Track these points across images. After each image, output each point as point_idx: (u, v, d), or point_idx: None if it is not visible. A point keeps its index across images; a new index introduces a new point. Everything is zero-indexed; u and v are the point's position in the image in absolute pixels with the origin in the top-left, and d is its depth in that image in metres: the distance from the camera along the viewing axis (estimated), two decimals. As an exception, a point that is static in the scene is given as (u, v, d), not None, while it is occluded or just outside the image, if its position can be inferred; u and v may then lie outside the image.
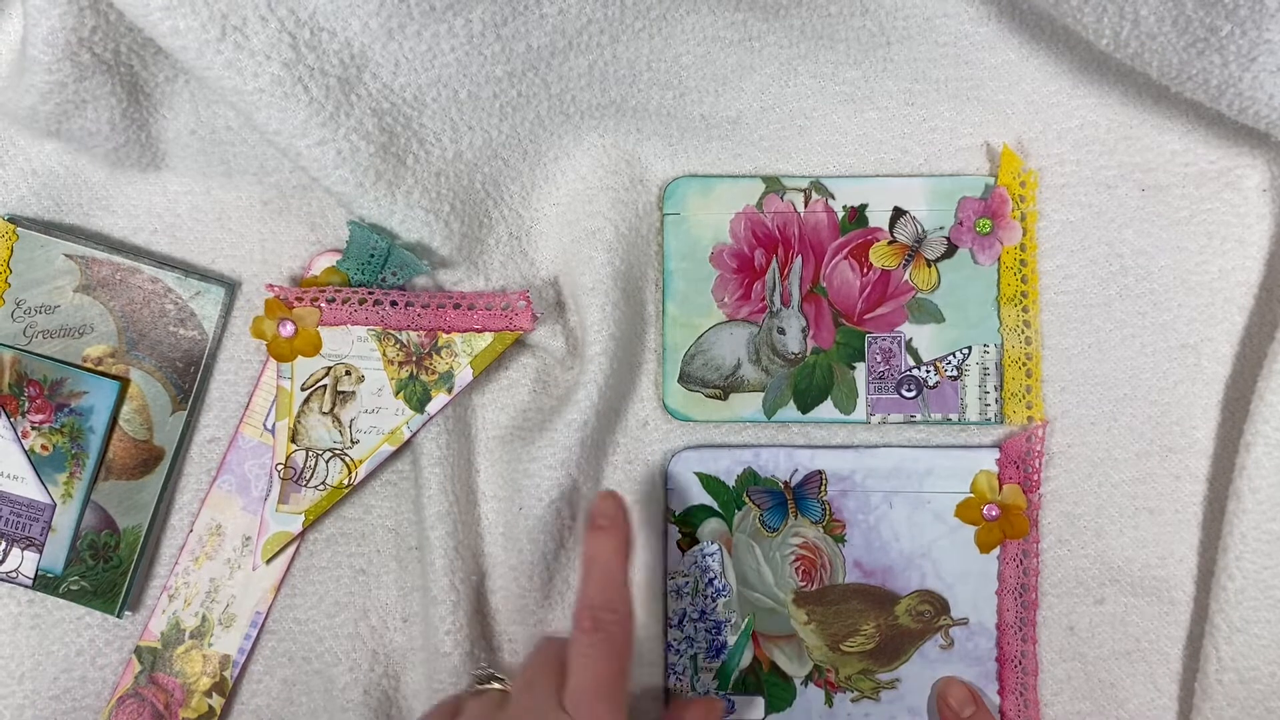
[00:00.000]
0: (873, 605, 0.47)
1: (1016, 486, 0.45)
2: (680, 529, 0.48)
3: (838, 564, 0.47)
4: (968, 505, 0.46)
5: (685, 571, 0.48)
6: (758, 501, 0.48)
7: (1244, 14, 0.40)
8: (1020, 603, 0.46)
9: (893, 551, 0.46)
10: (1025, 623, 0.46)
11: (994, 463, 0.45)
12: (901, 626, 0.47)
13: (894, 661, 0.47)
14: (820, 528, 0.47)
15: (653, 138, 0.51)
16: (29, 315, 0.49)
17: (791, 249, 0.51)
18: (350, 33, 0.44)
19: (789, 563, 0.47)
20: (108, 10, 0.44)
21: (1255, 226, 0.50)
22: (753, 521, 0.48)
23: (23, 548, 0.49)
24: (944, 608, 0.46)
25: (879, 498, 0.46)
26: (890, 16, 0.49)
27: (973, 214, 0.50)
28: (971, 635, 0.47)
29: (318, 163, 0.45)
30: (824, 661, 0.47)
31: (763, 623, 0.48)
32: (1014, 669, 0.46)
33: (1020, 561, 0.46)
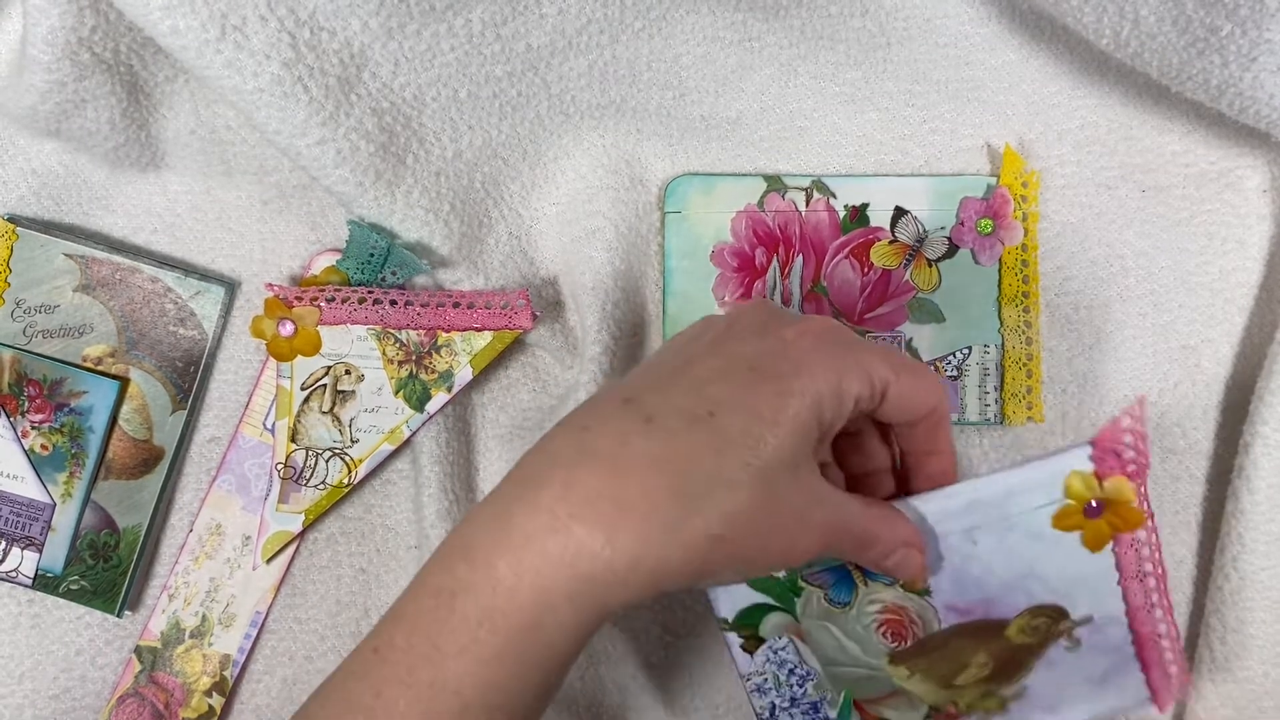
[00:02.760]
0: (980, 637, 0.42)
1: (1120, 479, 0.39)
2: (740, 634, 0.43)
3: (929, 615, 0.42)
4: (1066, 514, 0.40)
5: (761, 670, 0.43)
6: (817, 582, 0.42)
7: (1244, 14, 0.40)
8: (1146, 582, 0.41)
9: (989, 585, 0.41)
10: (1158, 596, 0.41)
11: (1087, 460, 0.39)
12: (1018, 645, 0.42)
13: (1017, 676, 0.42)
14: (898, 586, 0.41)
15: (653, 138, 0.51)
16: (29, 315, 0.49)
17: (792, 248, 0.51)
18: (350, 32, 0.44)
19: (874, 631, 0.42)
20: (107, 10, 0.44)
21: (1255, 227, 0.50)
22: (818, 603, 0.42)
23: (22, 547, 0.49)
24: (1062, 614, 0.41)
25: (957, 538, 0.40)
26: (890, 17, 0.49)
27: (974, 214, 0.50)
28: (1099, 629, 0.41)
29: (317, 162, 0.45)
30: (939, 701, 0.43)
31: (861, 689, 0.43)
32: (1154, 646, 0.42)
33: (1136, 546, 0.40)
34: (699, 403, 0.34)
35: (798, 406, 0.34)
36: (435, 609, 0.33)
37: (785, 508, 0.34)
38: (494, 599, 0.32)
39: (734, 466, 0.33)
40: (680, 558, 0.32)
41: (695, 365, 0.35)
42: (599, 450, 0.33)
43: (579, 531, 0.32)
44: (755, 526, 0.33)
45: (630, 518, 0.32)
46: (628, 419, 0.34)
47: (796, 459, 0.34)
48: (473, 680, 0.32)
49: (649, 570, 0.32)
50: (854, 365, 0.35)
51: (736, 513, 0.33)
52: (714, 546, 0.33)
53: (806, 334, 0.36)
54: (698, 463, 0.33)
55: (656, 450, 0.33)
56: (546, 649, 0.32)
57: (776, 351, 0.35)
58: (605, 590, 0.32)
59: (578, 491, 0.32)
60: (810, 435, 0.34)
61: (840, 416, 0.35)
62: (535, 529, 0.32)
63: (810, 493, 0.35)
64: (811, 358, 0.35)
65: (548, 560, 0.32)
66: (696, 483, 0.33)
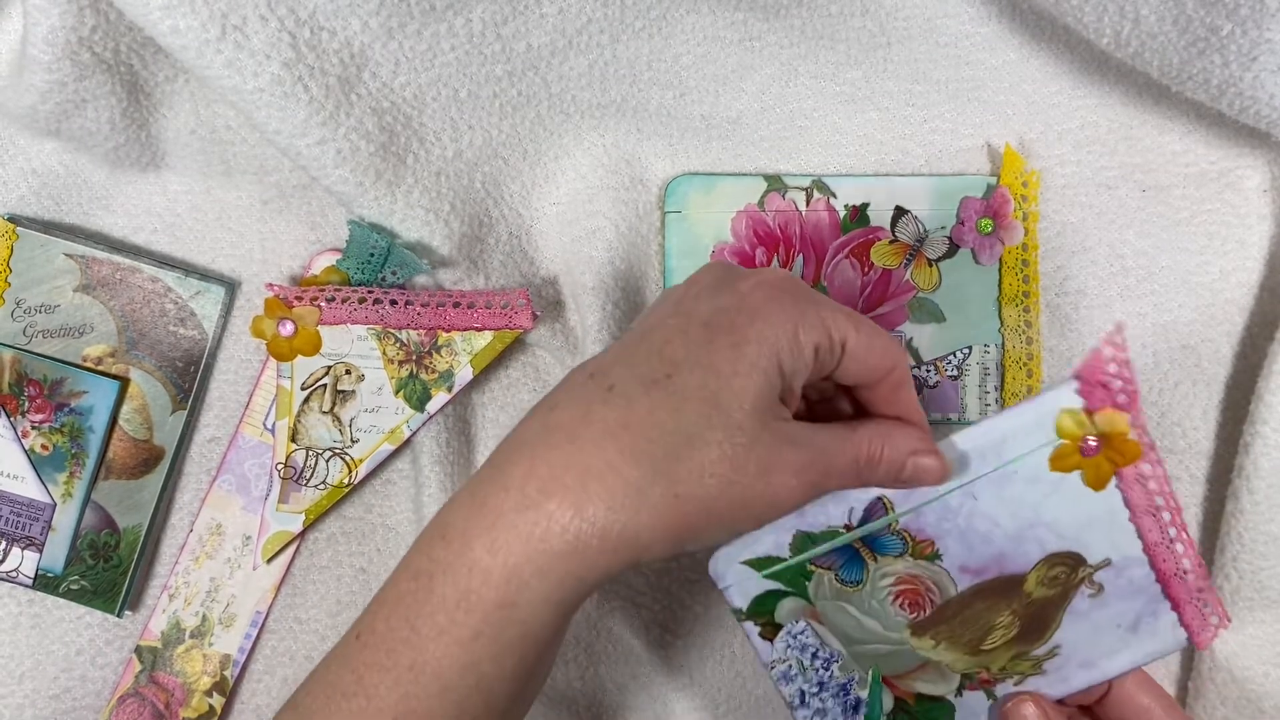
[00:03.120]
0: (999, 596, 0.41)
1: (1111, 411, 0.38)
2: (756, 622, 0.42)
3: (943, 581, 0.41)
4: (1061, 454, 0.39)
5: (783, 657, 0.43)
6: (825, 564, 0.41)
7: (1245, 13, 0.40)
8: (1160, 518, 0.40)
9: (997, 539, 0.40)
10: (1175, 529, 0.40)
11: (1074, 395, 0.38)
12: (1039, 599, 0.41)
13: (1045, 633, 0.41)
14: (908, 557, 0.41)
15: (653, 138, 0.51)
16: (29, 315, 0.49)
17: (793, 248, 0.51)
18: (350, 32, 0.44)
19: (890, 603, 0.42)
20: (108, 9, 0.44)
21: (1256, 227, 0.50)
22: (830, 583, 0.42)
23: (23, 547, 0.49)
24: (1079, 560, 0.40)
25: (958, 496, 0.40)
26: (891, 17, 0.49)
27: (974, 214, 0.50)
28: (1121, 571, 0.40)
29: (318, 162, 0.45)
30: (970, 668, 0.42)
31: (889, 664, 0.43)
32: (1180, 582, 0.40)
33: (1143, 481, 0.39)
34: (658, 366, 0.34)
35: (755, 355, 0.34)
36: (414, 592, 0.33)
37: (755, 456, 0.34)
38: (470, 579, 0.32)
39: (694, 423, 0.33)
40: (651, 522, 0.32)
41: (655, 331, 0.36)
42: (563, 425, 0.34)
43: (548, 506, 0.32)
44: (725, 480, 0.33)
45: (596, 488, 0.32)
46: (591, 391, 0.34)
47: (760, 407, 0.34)
48: (451, 661, 0.33)
49: (620, 538, 0.32)
50: (811, 315, 0.35)
51: (703, 469, 0.33)
52: (684, 506, 0.33)
53: (761, 285, 0.36)
54: (658, 425, 0.33)
55: (616, 417, 0.33)
56: (523, 627, 0.33)
57: (732, 306, 0.35)
58: (580, 563, 0.32)
59: (544, 468, 0.33)
60: (773, 383, 0.34)
61: (801, 366, 0.35)
62: (506, 508, 0.33)
63: (780, 435, 0.35)
64: (767, 308, 0.35)
65: (519, 537, 0.32)
66: (658, 445, 0.33)
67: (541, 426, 0.34)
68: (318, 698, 0.34)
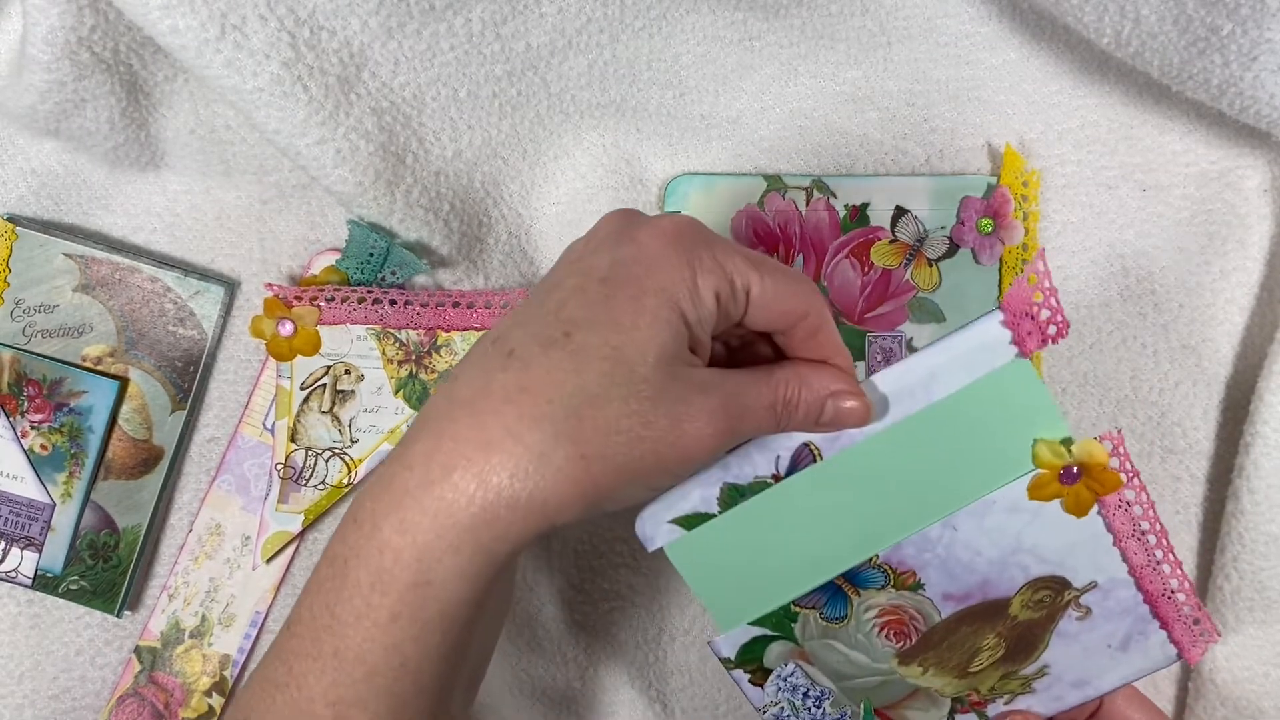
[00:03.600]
0: (984, 620, 0.41)
1: (1089, 441, 0.37)
2: (745, 669, 0.42)
3: (927, 609, 0.41)
4: (1040, 484, 0.38)
5: (774, 700, 0.42)
6: (809, 604, 0.41)
7: (1245, 13, 0.40)
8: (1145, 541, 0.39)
9: (980, 567, 0.40)
10: (1161, 552, 0.39)
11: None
12: (1025, 621, 0.41)
13: (1032, 653, 0.41)
14: (890, 589, 0.40)
15: (653, 137, 0.51)
16: (28, 314, 0.49)
17: (793, 247, 0.51)
18: (349, 31, 0.44)
19: (876, 635, 0.41)
20: (107, 9, 0.44)
21: (1256, 227, 0.50)
22: (815, 622, 0.41)
23: (22, 547, 0.49)
24: (1064, 584, 0.40)
25: (937, 528, 0.39)
26: (891, 16, 0.49)
27: (975, 214, 0.50)
28: (1108, 593, 0.40)
29: (317, 162, 0.45)
30: (959, 692, 0.42)
31: (879, 696, 0.42)
32: (1168, 602, 0.40)
33: (1126, 507, 0.38)
34: (555, 326, 0.33)
35: (655, 306, 0.33)
36: (332, 578, 0.33)
37: (663, 408, 0.33)
38: (381, 560, 0.32)
39: (595, 381, 0.32)
40: (559, 486, 0.32)
41: (553, 291, 0.35)
42: (464, 397, 0.33)
43: (451, 480, 0.32)
44: (633, 435, 0.32)
45: (498, 457, 0.31)
46: (491, 359, 0.34)
47: (665, 358, 0.33)
48: (373, 645, 0.32)
49: (529, 506, 0.32)
50: (709, 261, 0.34)
51: (608, 426, 0.32)
52: (592, 466, 0.32)
53: (658, 233, 0.35)
54: (558, 386, 0.32)
55: (515, 382, 0.32)
56: (442, 604, 0.32)
57: (630, 257, 0.34)
58: (490, 534, 0.32)
59: (448, 442, 0.32)
60: (677, 333, 0.34)
61: (705, 314, 0.34)
62: (412, 485, 0.32)
63: (689, 384, 0.34)
64: (664, 256, 0.34)
65: (426, 514, 0.32)
66: (559, 406, 0.32)
67: (445, 400, 0.34)
68: (255, 691, 0.35)
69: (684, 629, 0.51)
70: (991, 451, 0.38)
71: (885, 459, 0.38)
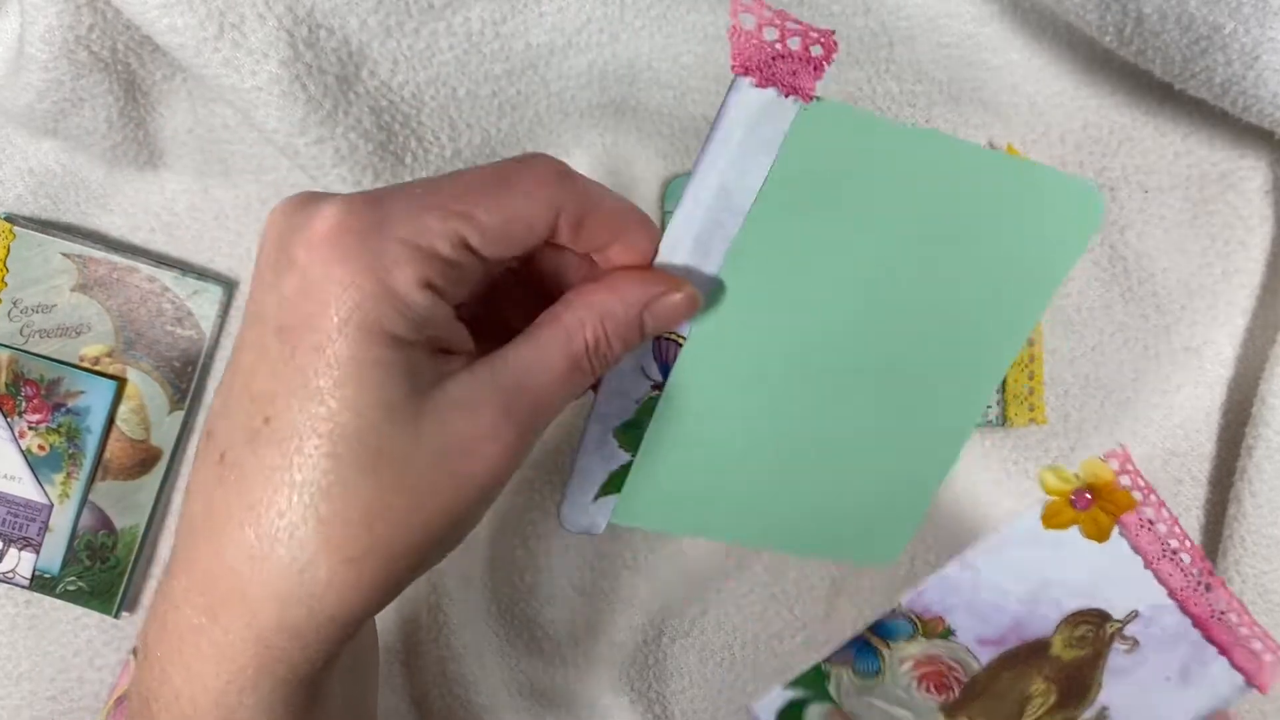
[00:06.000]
0: (1026, 663, 0.39)
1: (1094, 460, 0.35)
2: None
3: (963, 656, 0.39)
4: (1053, 512, 0.36)
5: None
6: (839, 660, 0.39)
7: (1247, 12, 0.40)
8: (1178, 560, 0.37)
9: (1010, 606, 0.38)
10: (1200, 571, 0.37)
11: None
12: (1071, 661, 0.38)
13: (1087, 695, 0.39)
14: (920, 638, 0.39)
15: (653, 137, 0.51)
16: (26, 314, 0.49)
17: (792, 249, 0.51)
18: (348, 30, 0.44)
19: (915, 689, 0.39)
20: (105, 8, 0.44)
21: (1258, 229, 0.50)
22: (849, 680, 0.39)
23: (19, 548, 0.49)
24: (1104, 616, 0.38)
25: (956, 569, 0.37)
26: (892, 16, 0.49)
27: (974, 214, 0.50)
28: (1151, 621, 0.38)
29: (316, 161, 0.45)
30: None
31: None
32: (1219, 624, 0.38)
33: (1149, 526, 0.36)
34: (253, 410, 0.27)
35: (348, 349, 0.26)
36: (141, 715, 0.29)
37: (421, 462, 0.27)
38: (181, 707, 0.28)
39: (321, 473, 0.26)
40: (336, 598, 0.27)
41: (241, 351, 0.28)
42: (196, 516, 0.28)
43: (221, 623, 0.27)
44: (397, 513, 0.27)
45: (255, 590, 0.27)
46: (207, 463, 0.28)
47: (393, 403, 0.26)
48: None
49: (313, 628, 0.27)
50: (395, 249, 0.26)
51: (361, 518, 0.26)
52: (366, 565, 0.27)
53: (316, 245, 0.26)
54: (283, 493, 0.26)
55: (236, 498, 0.27)
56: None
57: (296, 292, 0.26)
58: (284, 667, 0.27)
59: (200, 577, 0.27)
60: (394, 363, 0.26)
61: (426, 313, 0.27)
62: (184, 628, 0.28)
63: (445, 409, 0.27)
64: (332, 276, 0.26)
65: (209, 661, 0.27)
66: (294, 517, 0.26)
67: (186, 522, 0.29)
68: None
69: (684, 631, 0.51)
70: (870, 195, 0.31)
71: (754, 292, 0.32)
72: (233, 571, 0.27)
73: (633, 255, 0.31)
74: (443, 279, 0.27)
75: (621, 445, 0.34)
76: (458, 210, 0.27)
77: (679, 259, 0.31)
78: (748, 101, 0.29)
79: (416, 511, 0.27)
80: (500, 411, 0.28)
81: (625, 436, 0.34)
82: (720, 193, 0.31)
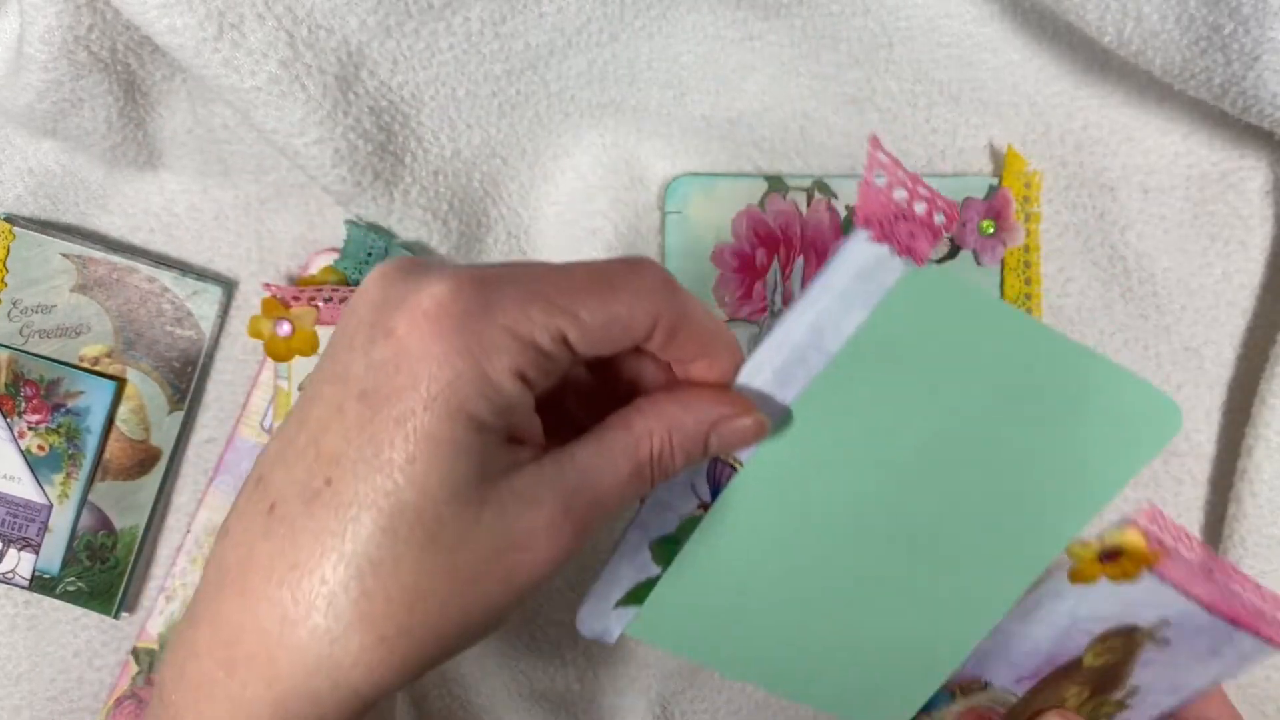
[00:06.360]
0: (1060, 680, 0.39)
1: (1127, 531, 0.34)
2: None
3: (1003, 696, 0.39)
4: (1080, 571, 0.35)
5: None
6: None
7: (1247, 12, 0.40)
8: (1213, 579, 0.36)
9: (1043, 648, 0.37)
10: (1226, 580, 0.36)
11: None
12: (1102, 666, 0.38)
13: (1119, 684, 0.39)
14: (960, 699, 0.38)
15: (653, 137, 0.51)
16: (25, 315, 0.49)
17: (794, 249, 0.51)
18: (348, 30, 0.44)
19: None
20: (105, 8, 0.44)
21: (1258, 229, 0.50)
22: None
23: (19, 548, 0.49)
24: (1132, 629, 0.37)
25: (987, 642, 0.36)
26: (892, 16, 0.49)
27: (976, 215, 0.50)
28: (1183, 621, 0.37)
29: (315, 161, 0.45)
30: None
31: None
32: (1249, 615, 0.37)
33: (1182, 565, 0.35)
34: (316, 468, 0.27)
35: (430, 425, 0.26)
36: None
37: (473, 549, 0.27)
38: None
39: (375, 544, 0.26)
40: (362, 673, 0.26)
41: (313, 405, 0.28)
42: (231, 566, 0.28)
43: (239, 677, 0.27)
44: (440, 597, 0.27)
45: (280, 653, 0.26)
46: (254, 511, 0.28)
47: (459, 489, 0.26)
48: None
49: (336, 699, 0.27)
50: (496, 335, 0.27)
51: (402, 597, 0.26)
52: (398, 644, 0.26)
53: (419, 321, 0.27)
54: (331, 559, 0.26)
55: (280, 554, 0.27)
56: None
57: (387, 362, 0.27)
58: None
59: (225, 629, 0.27)
60: (470, 447, 0.27)
61: (511, 402, 0.27)
62: (203, 680, 0.27)
63: (508, 499, 0.27)
64: (430, 350, 0.26)
65: (221, 714, 0.27)
66: (337, 585, 0.26)
67: (216, 568, 0.28)
68: None
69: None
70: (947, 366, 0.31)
71: (818, 436, 0.32)
72: (261, 630, 0.26)
73: (714, 373, 0.31)
74: (535, 370, 0.27)
75: (655, 558, 0.34)
76: (563, 305, 0.27)
77: (757, 384, 0.31)
78: (862, 252, 0.29)
79: (460, 597, 0.27)
80: (560, 509, 0.28)
81: (660, 550, 0.34)
82: (813, 331, 0.31)
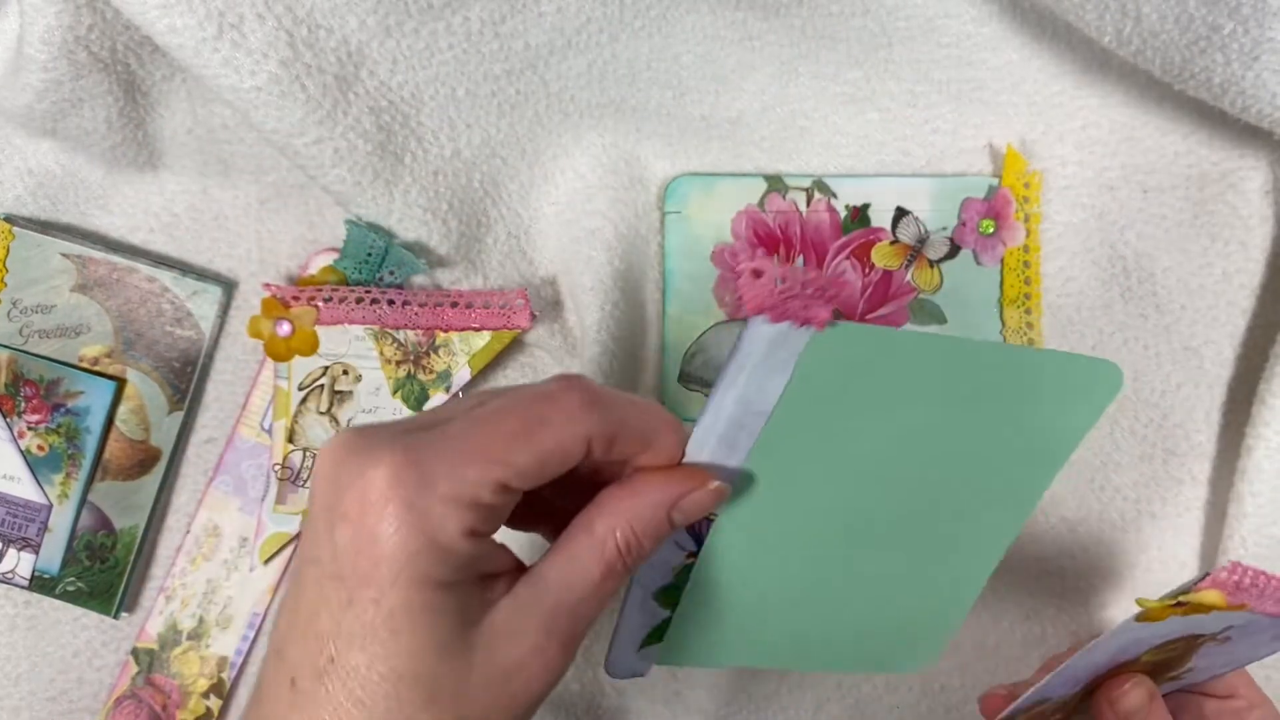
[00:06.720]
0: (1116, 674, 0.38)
1: (1210, 591, 0.33)
2: None
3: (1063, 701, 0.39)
4: (1150, 615, 0.34)
5: None
6: None
7: (1246, 12, 0.40)
8: None
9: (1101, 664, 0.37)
10: None
11: None
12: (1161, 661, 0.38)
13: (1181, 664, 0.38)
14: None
15: (652, 137, 0.51)
16: (25, 315, 0.49)
17: (793, 248, 0.51)
18: (348, 30, 0.44)
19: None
20: (104, 8, 0.44)
21: (1258, 229, 0.50)
22: None
23: (19, 548, 0.49)
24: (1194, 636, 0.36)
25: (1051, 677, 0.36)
26: (892, 16, 0.49)
27: (976, 215, 0.50)
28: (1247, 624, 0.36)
29: (315, 161, 0.45)
30: None
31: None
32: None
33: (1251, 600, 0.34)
34: (317, 647, 0.29)
35: (403, 599, 0.28)
36: None
37: (474, 692, 0.29)
38: None
39: (384, 710, 0.28)
40: None
41: (301, 589, 0.30)
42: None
43: None
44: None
45: None
46: (279, 686, 0.30)
47: (447, 644, 0.29)
48: None
49: None
50: (440, 505, 0.29)
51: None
52: None
53: (368, 507, 0.29)
54: (349, 718, 0.29)
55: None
56: None
57: (349, 546, 0.29)
58: None
59: None
60: (444, 607, 0.29)
61: (470, 557, 0.29)
62: None
63: (493, 642, 0.30)
64: (384, 535, 0.28)
65: None
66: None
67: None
68: None
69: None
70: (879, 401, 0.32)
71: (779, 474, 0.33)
72: None
73: (661, 458, 0.32)
74: (484, 523, 0.29)
75: (662, 605, 0.36)
76: (496, 458, 0.29)
77: (705, 457, 0.32)
78: (762, 335, 0.30)
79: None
80: (544, 633, 0.30)
81: (664, 596, 0.36)
82: (741, 403, 0.31)
